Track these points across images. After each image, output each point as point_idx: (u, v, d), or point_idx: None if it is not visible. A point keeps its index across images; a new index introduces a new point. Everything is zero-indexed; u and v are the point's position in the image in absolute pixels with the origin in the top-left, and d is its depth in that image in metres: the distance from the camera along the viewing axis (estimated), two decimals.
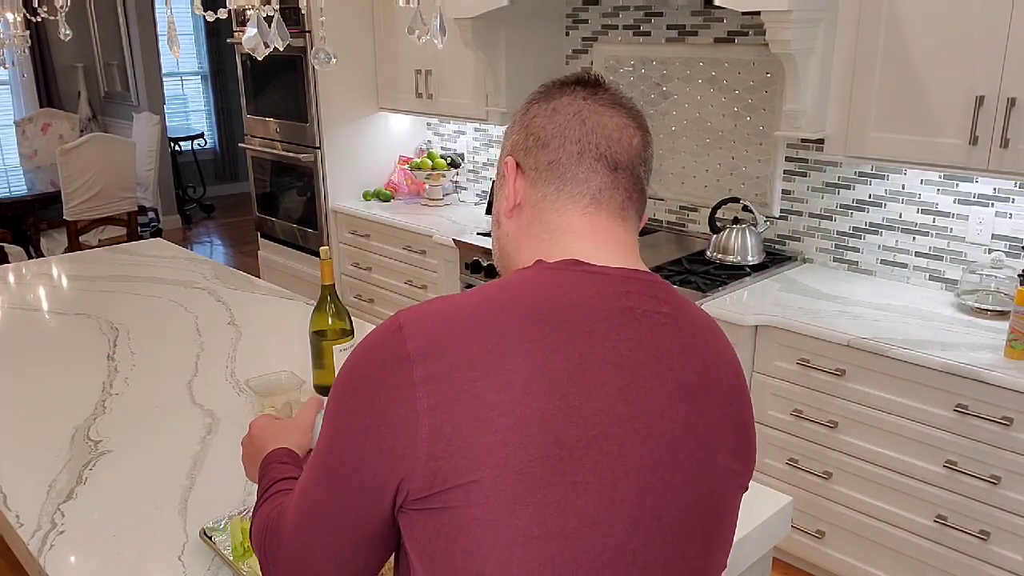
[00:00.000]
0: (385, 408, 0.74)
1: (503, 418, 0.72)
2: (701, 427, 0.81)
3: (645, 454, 0.77)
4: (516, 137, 0.92)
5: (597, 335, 0.78)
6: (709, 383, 0.83)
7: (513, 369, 0.73)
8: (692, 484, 0.80)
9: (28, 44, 2.76)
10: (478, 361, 0.73)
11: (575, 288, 0.80)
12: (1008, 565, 2.05)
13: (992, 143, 2.13)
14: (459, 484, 0.72)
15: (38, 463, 1.52)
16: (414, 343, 0.75)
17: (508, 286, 0.80)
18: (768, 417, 2.45)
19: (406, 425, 0.73)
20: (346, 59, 3.86)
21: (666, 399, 0.79)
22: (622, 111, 0.88)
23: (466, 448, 0.71)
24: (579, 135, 0.87)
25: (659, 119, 3.20)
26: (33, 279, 2.65)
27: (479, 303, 0.78)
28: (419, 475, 0.73)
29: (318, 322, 1.73)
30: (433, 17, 1.58)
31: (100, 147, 4.70)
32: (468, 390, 0.72)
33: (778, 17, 2.32)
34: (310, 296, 3.06)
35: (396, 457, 0.73)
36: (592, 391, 0.75)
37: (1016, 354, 2.03)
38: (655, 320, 0.82)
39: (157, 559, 1.24)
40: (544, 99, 0.90)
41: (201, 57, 8.11)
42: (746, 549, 1.32)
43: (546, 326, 0.76)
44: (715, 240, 2.85)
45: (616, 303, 0.80)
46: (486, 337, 0.74)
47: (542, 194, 0.88)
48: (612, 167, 0.87)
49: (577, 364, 0.75)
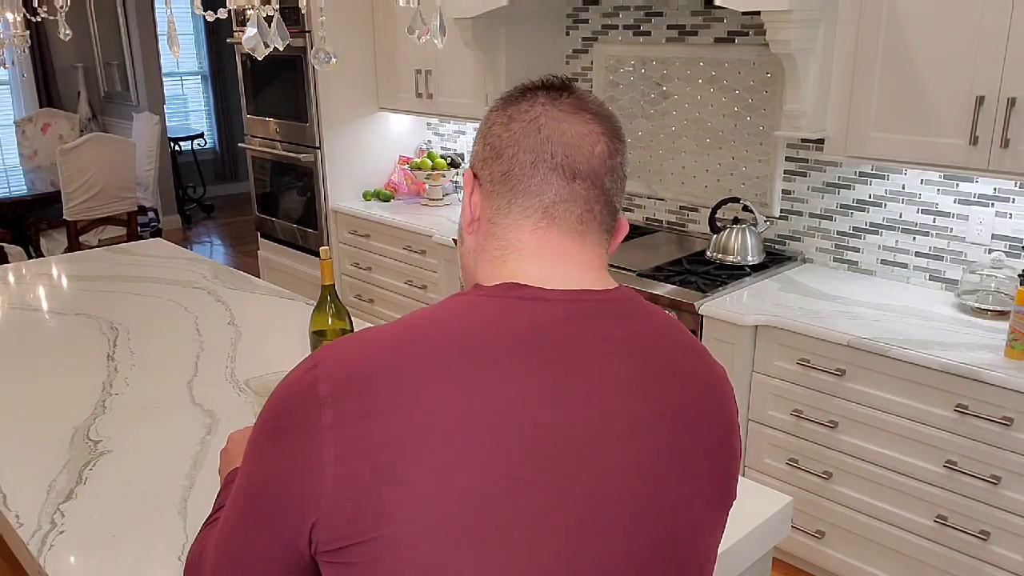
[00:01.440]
0: (293, 455, 0.70)
1: (412, 468, 0.66)
2: (650, 462, 0.75)
3: (578, 501, 0.71)
4: (476, 147, 0.85)
5: (523, 372, 0.71)
6: (665, 410, 0.77)
7: (427, 413, 0.67)
8: (639, 526, 0.74)
9: (28, 44, 2.76)
10: (388, 406, 0.67)
11: (505, 319, 0.73)
12: (1008, 565, 2.05)
13: (992, 143, 2.13)
14: (365, 540, 0.67)
15: (38, 463, 1.52)
16: (325, 384, 0.69)
17: (432, 318, 0.74)
18: (768, 417, 2.45)
19: (313, 474, 0.68)
20: (346, 59, 3.86)
21: (606, 437, 0.73)
22: (585, 116, 0.81)
23: (372, 501, 0.66)
24: (534, 144, 0.79)
25: (659, 119, 3.20)
26: (33, 279, 2.65)
27: (397, 338, 0.72)
28: (325, 527, 0.68)
29: (318, 322, 1.73)
30: (433, 17, 1.58)
31: (100, 147, 4.70)
32: (376, 437, 0.67)
33: (778, 17, 2.32)
34: (310, 296, 3.06)
35: (304, 506, 0.69)
36: (517, 433, 0.69)
37: (1016, 354, 2.03)
38: (600, 348, 0.75)
39: (157, 559, 1.24)
40: (503, 106, 0.84)
41: (201, 57, 8.11)
42: (746, 549, 1.32)
43: (467, 363, 0.70)
44: (715, 240, 2.85)
45: (551, 333, 0.74)
46: (399, 379, 0.68)
47: (496, 207, 0.82)
48: (569, 177, 0.79)
49: (500, 406, 0.69)
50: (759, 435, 2.48)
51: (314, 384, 0.70)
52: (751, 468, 2.54)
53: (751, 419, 2.49)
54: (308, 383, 0.71)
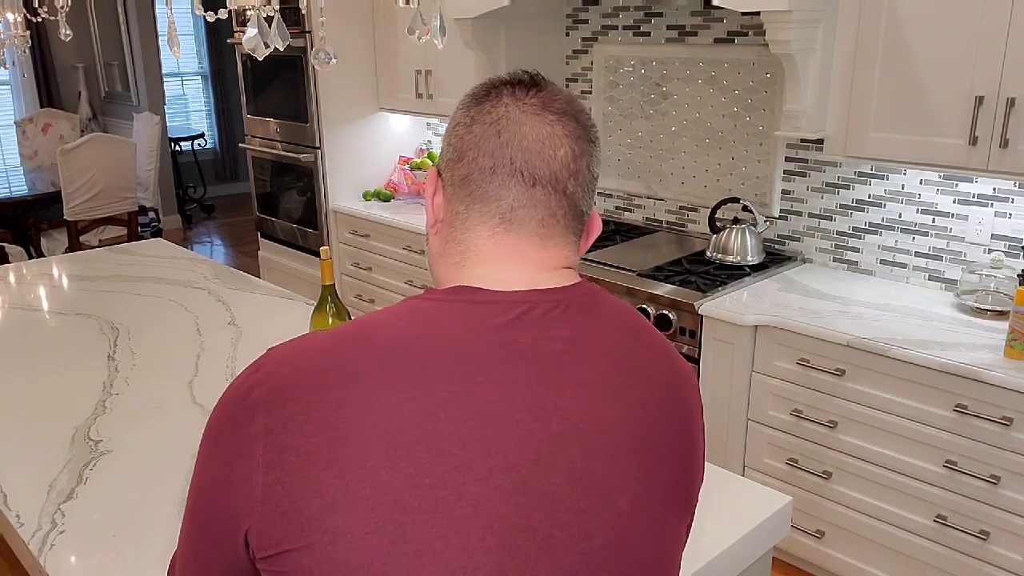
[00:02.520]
0: (230, 459, 0.70)
1: (333, 479, 0.65)
2: (592, 470, 0.71)
3: (510, 513, 0.68)
4: (443, 146, 0.82)
5: (460, 379, 0.69)
6: (611, 414, 0.74)
7: (349, 423, 0.66)
8: (584, 537, 0.71)
9: (28, 44, 2.76)
10: (315, 414, 0.67)
11: (446, 324, 0.72)
12: (1008, 565, 2.05)
13: (992, 143, 2.13)
14: (289, 549, 0.66)
15: (38, 463, 1.52)
16: (260, 391, 0.69)
17: (374, 322, 0.73)
18: (768, 417, 2.45)
19: (245, 479, 0.68)
20: (346, 59, 3.86)
21: (545, 445, 0.70)
22: (549, 117, 0.77)
23: (295, 511, 0.66)
24: (492, 147, 0.76)
25: (659, 119, 3.20)
26: (33, 279, 2.65)
27: (336, 342, 0.71)
28: (255, 533, 0.68)
29: (318, 322, 1.73)
30: (433, 17, 1.58)
31: (100, 147, 4.71)
32: (301, 446, 0.66)
33: (778, 17, 2.32)
34: (310, 296, 3.06)
35: (238, 511, 0.69)
36: (444, 445, 0.66)
37: (1016, 354, 2.03)
38: (546, 350, 0.73)
39: (157, 559, 1.24)
40: (469, 105, 0.80)
41: (201, 57, 8.12)
42: (746, 549, 1.32)
43: (398, 371, 0.68)
44: (715, 240, 2.85)
45: (495, 337, 0.71)
46: (328, 386, 0.67)
47: (455, 212, 0.79)
48: (529, 183, 0.76)
49: (429, 415, 0.67)
50: (759, 435, 2.48)
51: (251, 390, 0.70)
52: (751, 468, 2.54)
53: (751, 419, 2.50)
54: (246, 389, 0.71)
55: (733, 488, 1.44)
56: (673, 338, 2.59)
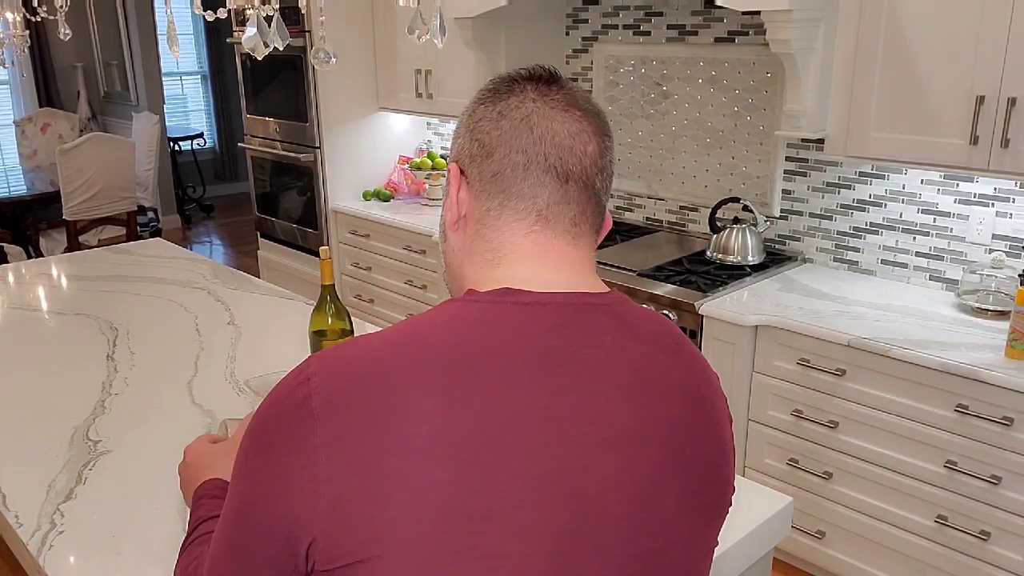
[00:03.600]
0: (287, 473, 0.67)
1: (403, 490, 0.65)
2: (638, 475, 0.73)
3: (562, 519, 0.69)
4: (462, 141, 0.82)
5: (512, 386, 0.69)
6: (651, 422, 0.74)
7: (415, 432, 0.66)
8: (628, 542, 0.72)
9: (28, 44, 2.76)
10: (380, 422, 0.66)
11: (496, 328, 0.72)
12: (1008, 565, 2.05)
13: (992, 143, 2.13)
14: (359, 560, 0.65)
15: (37, 463, 1.52)
16: (319, 399, 0.67)
17: (424, 326, 0.72)
18: (768, 417, 2.45)
19: (307, 493, 0.66)
20: (346, 59, 3.86)
21: (595, 450, 0.71)
22: (576, 114, 0.79)
23: (366, 521, 0.65)
24: (526, 144, 0.77)
25: (659, 119, 3.20)
26: (32, 279, 2.65)
27: (389, 349, 0.70)
28: (321, 547, 0.66)
29: (318, 322, 1.73)
30: (433, 17, 1.58)
31: (99, 147, 4.70)
32: (369, 457, 0.65)
33: (778, 17, 2.31)
34: (310, 296, 3.06)
35: (301, 524, 0.67)
36: (500, 453, 0.67)
37: (1016, 354, 2.03)
38: (590, 357, 0.73)
39: (157, 559, 1.24)
40: (492, 99, 0.81)
41: (201, 57, 8.11)
42: (746, 549, 1.32)
43: (455, 378, 0.68)
44: (715, 240, 2.85)
45: (541, 343, 0.71)
46: (390, 393, 0.67)
47: (485, 208, 0.79)
48: (563, 179, 0.78)
49: (485, 423, 0.67)
50: (759, 435, 2.48)
51: (307, 399, 0.68)
52: (751, 468, 2.54)
53: (751, 419, 2.49)
54: (301, 397, 0.68)
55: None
56: None
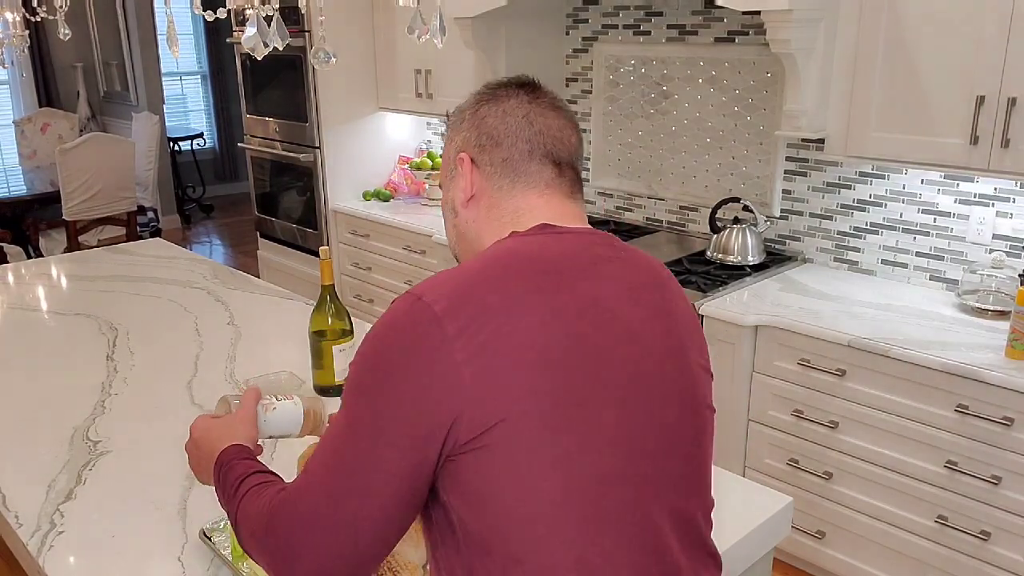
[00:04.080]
0: (427, 367, 0.81)
1: (530, 354, 0.82)
2: (675, 338, 0.96)
3: (643, 368, 0.90)
4: (467, 135, 1.01)
5: (585, 279, 0.90)
6: (669, 303, 0.98)
7: (530, 312, 0.84)
8: (679, 382, 0.94)
9: (27, 44, 2.76)
10: (499, 310, 0.83)
11: (556, 245, 0.93)
12: (1008, 565, 2.05)
13: (993, 143, 2.12)
14: (503, 419, 0.80)
15: (37, 463, 1.52)
16: (439, 305, 0.83)
17: (503, 251, 0.91)
18: (768, 417, 2.45)
19: (449, 378, 0.80)
20: (346, 59, 3.86)
21: (646, 323, 0.93)
22: (561, 113, 1.01)
23: (504, 386, 0.80)
24: (528, 135, 0.98)
25: (659, 119, 3.20)
26: (32, 279, 2.65)
27: (484, 266, 0.88)
28: (466, 420, 0.80)
29: (318, 322, 1.73)
30: (433, 17, 1.58)
31: (99, 147, 4.70)
32: (496, 335, 0.81)
33: (778, 17, 2.31)
34: (310, 296, 3.05)
35: (444, 408, 0.81)
36: (593, 323, 0.87)
37: (1017, 354, 2.03)
38: (620, 263, 0.96)
39: (157, 559, 1.24)
40: (493, 100, 1.01)
41: (201, 57, 8.11)
42: (746, 549, 1.32)
43: (546, 276, 0.88)
44: (715, 240, 2.85)
45: (589, 253, 0.94)
46: (500, 289, 0.84)
47: (498, 186, 0.99)
48: (556, 163, 1.00)
49: (577, 304, 0.87)
50: (759, 435, 2.48)
51: (428, 308, 0.83)
52: (751, 468, 2.54)
53: (751, 419, 2.49)
54: (422, 309, 0.83)
55: (734, 488, 1.43)
56: None
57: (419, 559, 1.22)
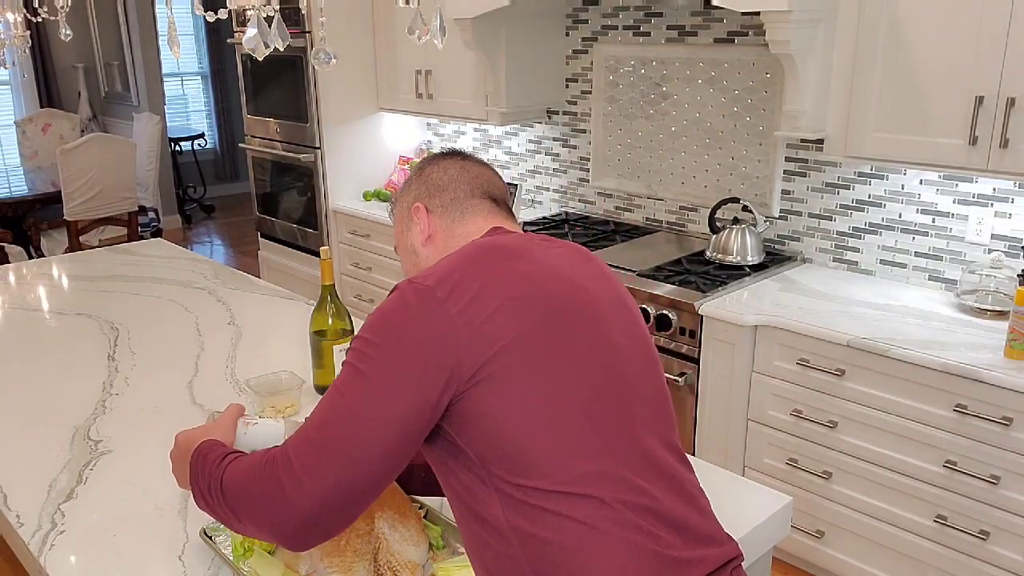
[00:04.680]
0: (427, 321, 0.96)
1: (509, 302, 0.98)
2: (612, 286, 1.16)
3: (597, 310, 1.08)
4: (417, 191, 1.23)
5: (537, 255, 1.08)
6: (603, 269, 1.18)
7: (502, 275, 1.01)
8: (627, 320, 1.12)
9: (28, 44, 2.76)
10: (477, 277, 1.00)
11: (509, 237, 1.12)
12: (1008, 565, 2.05)
13: (992, 143, 2.13)
14: (496, 353, 0.95)
15: (38, 463, 1.52)
16: (429, 281, 0.99)
17: (464, 248, 1.08)
18: (768, 417, 2.45)
19: (447, 327, 0.95)
20: (346, 59, 3.86)
21: (591, 281, 1.11)
22: (488, 166, 1.26)
23: (493, 327, 0.96)
24: (467, 179, 1.22)
25: (659, 119, 3.20)
26: (33, 279, 2.65)
27: (457, 255, 1.05)
28: (467, 360, 0.94)
29: (318, 322, 1.74)
30: (433, 17, 1.58)
31: (100, 147, 4.70)
32: (479, 293, 0.98)
33: (778, 17, 2.32)
34: (310, 296, 3.06)
35: (445, 353, 0.94)
36: (552, 281, 1.05)
37: (1016, 354, 2.04)
38: (559, 246, 1.16)
39: (157, 559, 1.24)
40: (433, 163, 1.24)
41: (201, 57, 8.11)
42: (746, 549, 1.32)
43: (508, 253, 1.06)
44: (715, 240, 2.85)
45: (534, 243, 1.13)
46: (475, 265, 1.02)
47: (449, 221, 1.20)
48: (493, 199, 1.22)
49: (537, 268, 1.05)
50: (759, 435, 2.49)
51: (421, 283, 0.99)
52: (751, 468, 2.54)
53: (751, 419, 2.50)
54: (412, 289, 0.99)
55: (733, 488, 1.44)
56: (673, 338, 2.59)
57: (419, 559, 1.23)
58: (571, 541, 0.94)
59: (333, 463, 0.93)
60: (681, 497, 1.04)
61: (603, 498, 0.96)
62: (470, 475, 0.99)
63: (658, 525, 0.98)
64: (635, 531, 0.96)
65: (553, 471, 0.95)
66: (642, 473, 1.00)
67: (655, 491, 1.00)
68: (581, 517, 0.95)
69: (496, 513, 0.97)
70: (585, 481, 0.96)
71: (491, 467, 0.96)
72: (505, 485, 0.96)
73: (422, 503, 1.36)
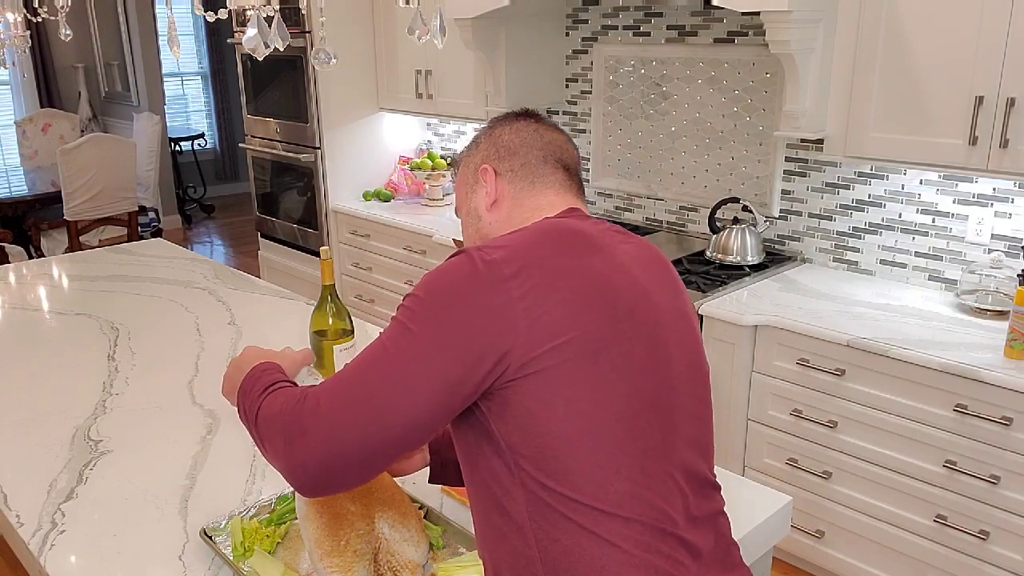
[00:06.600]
0: (488, 299, 0.93)
1: (572, 296, 0.95)
2: (677, 294, 1.12)
3: (659, 319, 1.04)
4: (486, 151, 1.17)
5: (608, 248, 1.04)
6: (674, 279, 1.14)
7: (570, 265, 0.98)
8: (688, 341, 1.10)
9: (28, 44, 2.76)
10: (545, 262, 0.96)
11: (583, 223, 1.07)
12: (1008, 565, 2.05)
13: (991, 143, 2.13)
14: (551, 347, 0.92)
15: (38, 463, 1.52)
16: (494, 254, 0.96)
17: (542, 224, 1.05)
18: (768, 417, 2.45)
19: (506, 311, 0.92)
20: (346, 59, 3.86)
21: (658, 289, 1.07)
22: (562, 132, 1.20)
23: (551, 320, 0.93)
24: (540, 144, 1.16)
25: (659, 119, 3.20)
26: (33, 279, 2.65)
27: (529, 233, 1.02)
28: (519, 349, 0.92)
29: (318, 322, 1.73)
30: (433, 17, 1.58)
31: (100, 147, 4.71)
32: (543, 281, 0.94)
33: (778, 17, 2.32)
34: (310, 296, 3.06)
35: (499, 337, 0.92)
36: (620, 279, 1.01)
37: (1015, 354, 2.04)
38: (632, 244, 1.11)
39: (157, 559, 1.24)
40: (504, 123, 1.18)
41: (201, 57, 8.11)
42: (746, 549, 1.32)
43: (579, 241, 1.02)
44: (715, 240, 2.85)
45: (607, 234, 1.09)
46: (545, 247, 0.98)
47: (519, 188, 1.14)
48: (564, 168, 1.16)
49: (606, 264, 1.01)
50: (759, 435, 2.49)
51: (484, 257, 0.95)
52: (751, 468, 2.54)
53: (751, 419, 2.50)
54: (478, 259, 0.95)
55: (733, 488, 1.44)
56: None
57: (419, 559, 1.23)
58: (591, 554, 0.94)
59: (359, 417, 0.92)
60: (705, 523, 1.04)
61: (629, 518, 0.95)
62: (499, 461, 0.97)
63: (679, 550, 0.98)
64: (656, 554, 0.96)
65: (584, 483, 0.94)
66: (670, 498, 0.99)
67: (681, 517, 1.00)
68: (604, 533, 0.94)
69: (520, 507, 0.96)
70: (615, 500, 0.95)
71: (521, 461, 0.95)
72: (532, 483, 0.95)
73: (422, 503, 1.36)
